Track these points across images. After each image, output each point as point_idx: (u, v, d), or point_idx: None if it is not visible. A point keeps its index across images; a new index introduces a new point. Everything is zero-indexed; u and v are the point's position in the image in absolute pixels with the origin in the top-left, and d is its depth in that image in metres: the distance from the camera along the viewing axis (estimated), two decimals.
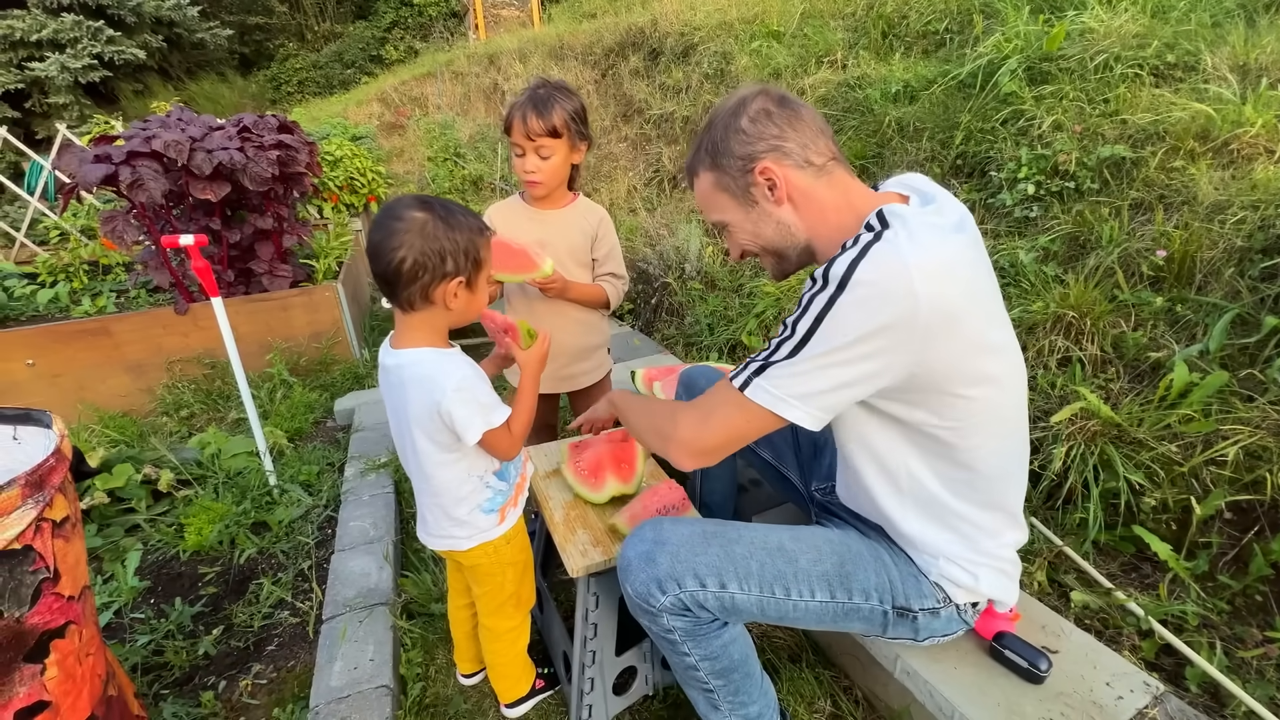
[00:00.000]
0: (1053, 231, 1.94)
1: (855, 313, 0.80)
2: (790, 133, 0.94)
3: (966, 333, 0.84)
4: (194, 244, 1.82)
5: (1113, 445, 1.51)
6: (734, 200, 0.99)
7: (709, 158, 0.99)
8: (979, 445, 0.93)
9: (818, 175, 0.95)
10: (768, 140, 0.93)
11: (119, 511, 2.05)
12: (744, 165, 0.95)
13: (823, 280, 0.83)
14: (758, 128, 0.94)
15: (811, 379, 0.84)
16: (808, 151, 0.94)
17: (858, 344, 0.81)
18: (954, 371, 0.85)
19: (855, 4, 3.66)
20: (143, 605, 1.71)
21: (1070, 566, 1.48)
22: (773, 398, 0.87)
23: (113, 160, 2.38)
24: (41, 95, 11.01)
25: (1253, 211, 1.66)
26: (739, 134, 0.95)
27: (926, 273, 0.78)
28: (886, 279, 0.79)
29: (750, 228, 1.00)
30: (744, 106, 0.95)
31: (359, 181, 5.35)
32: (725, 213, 1.02)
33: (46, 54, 10.53)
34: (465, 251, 0.98)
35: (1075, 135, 2.04)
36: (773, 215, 0.97)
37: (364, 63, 13.25)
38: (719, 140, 0.97)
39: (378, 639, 1.46)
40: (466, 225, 0.99)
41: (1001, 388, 0.91)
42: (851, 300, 0.80)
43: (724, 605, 0.96)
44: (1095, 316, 1.70)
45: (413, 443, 1.07)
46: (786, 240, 0.99)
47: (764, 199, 0.96)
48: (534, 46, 6.58)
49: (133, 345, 2.74)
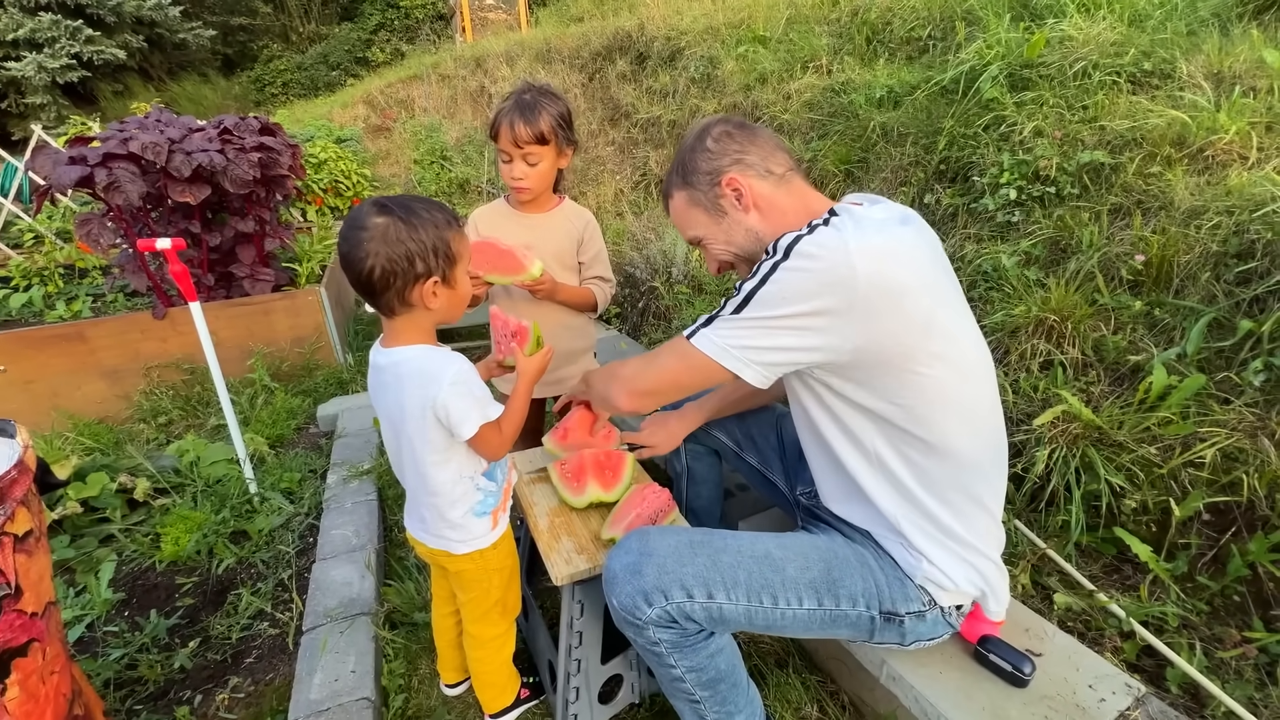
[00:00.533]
0: (1034, 236, 1.97)
1: (795, 279, 0.89)
2: (751, 148, 1.04)
3: (911, 310, 0.89)
4: (171, 248, 1.79)
5: (1094, 448, 1.52)
6: (706, 214, 1.08)
7: (680, 178, 1.09)
8: (944, 431, 0.95)
9: (778, 184, 1.04)
10: (730, 155, 1.04)
11: (93, 521, 2.00)
12: (711, 179, 1.05)
13: (772, 250, 0.94)
14: (720, 145, 1.05)
15: (752, 335, 0.92)
16: (768, 163, 1.04)
17: (796, 309, 0.89)
18: (901, 348, 0.90)
19: (840, 10, 3.69)
20: (116, 618, 1.67)
21: (1053, 569, 1.49)
22: (716, 348, 0.94)
23: (88, 162, 2.33)
24: (18, 95, 10.82)
25: (1227, 217, 1.69)
26: (705, 153, 1.06)
27: (865, 252, 0.86)
28: (827, 253, 0.87)
29: (723, 237, 1.09)
30: (707, 131, 1.07)
31: (344, 184, 5.31)
32: (699, 228, 1.11)
33: (23, 53, 10.35)
34: (434, 249, 0.97)
35: (1055, 141, 2.06)
36: (741, 223, 1.06)
37: (349, 65, 13.14)
38: (687, 161, 1.08)
39: (359, 650, 1.44)
40: (431, 222, 0.98)
41: (958, 371, 0.94)
42: (792, 268, 0.89)
43: (711, 616, 0.96)
44: (1076, 320, 1.72)
45: (409, 441, 1.06)
46: (755, 245, 1.07)
47: (732, 208, 1.06)
48: (521, 50, 6.57)
49: (109, 350, 2.68)
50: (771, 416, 1.46)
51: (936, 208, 2.31)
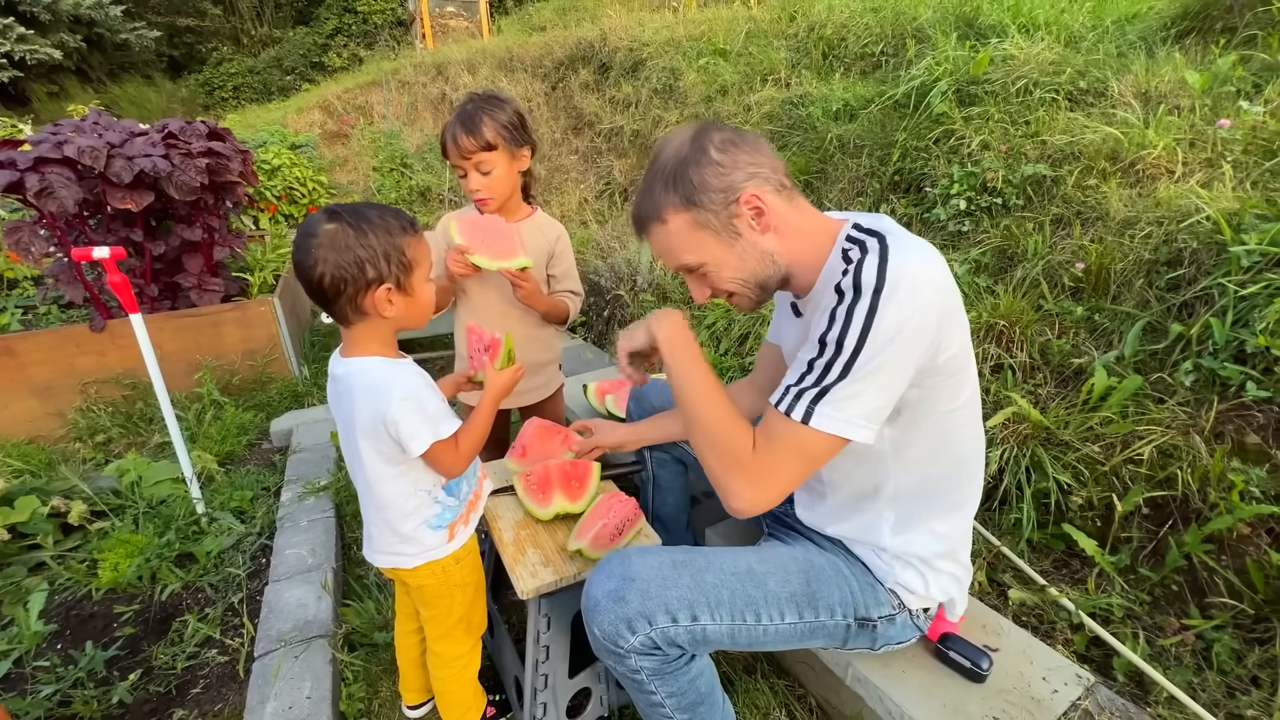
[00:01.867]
0: (984, 245, 2.05)
1: (899, 311, 0.80)
2: (760, 158, 0.92)
3: (962, 318, 0.90)
4: (110, 257, 1.70)
5: (1043, 447, 1.59)
6: (715, 237, 0.93)
7: (679, 197, 0.92)
8: (972, 435, 0.99)
9: (790, 199, 0.95)
10: (744, 169, 0.90)
11: (22, 549, 1.87)
12: (727, 197, 0.90)
13: (854, 290, 0.82)
14: (730, 157, 0.90)
15: (871, 395, 0.83)
16: (778, 175, 0.93)
17: (902, 339, 0.81)
18: (960, 352, 0.89)
19: (797, 25, 3.79)
20: (48, 651, 1.56)
21: (1007, 565, 1.54)
22: (839, 423, 0.84)
23: (18, 166, 2.20)
24: None
25: (1157, 227, 1.79)
26: (713, 166, 0.90)
27: (938, 264, 0.85)
28: (916, 272, 0.82)
29: (735, 263, 0.95)
30: (706, 140, 0.91)
31: (298, 191, 5.15)
32: (704, 252, 0.94)
33: None
34: (385, 255, 0.95)
35: (1001, 154, 2.16)
36: (757, 245, 0.93)
37: (305, 69, 12.80)
38: (691, 176, 0.90)
39: (315, 674, 1.38)
40: (383, 227, 0.96)
41: (973, 370, 0.96)
42: (894, 300, 0.80)
43: (695, 638, 0.93)
44: (1024, 325, 1.80)
45: (359, 454, 1.03)
46: (769, 270, 0.96)
47: (748, 230, 0.92)
48: (483, 58, 6.52)
49: (41, 366, 2.52)
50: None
51: (892, 217, 2.39)
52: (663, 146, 0.95)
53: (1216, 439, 1.45)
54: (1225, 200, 1.73)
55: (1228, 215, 1.66)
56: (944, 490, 1.01)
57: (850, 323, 0.82)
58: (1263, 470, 1.35)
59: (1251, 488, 1.33)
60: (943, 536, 1.03)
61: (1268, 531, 1.34)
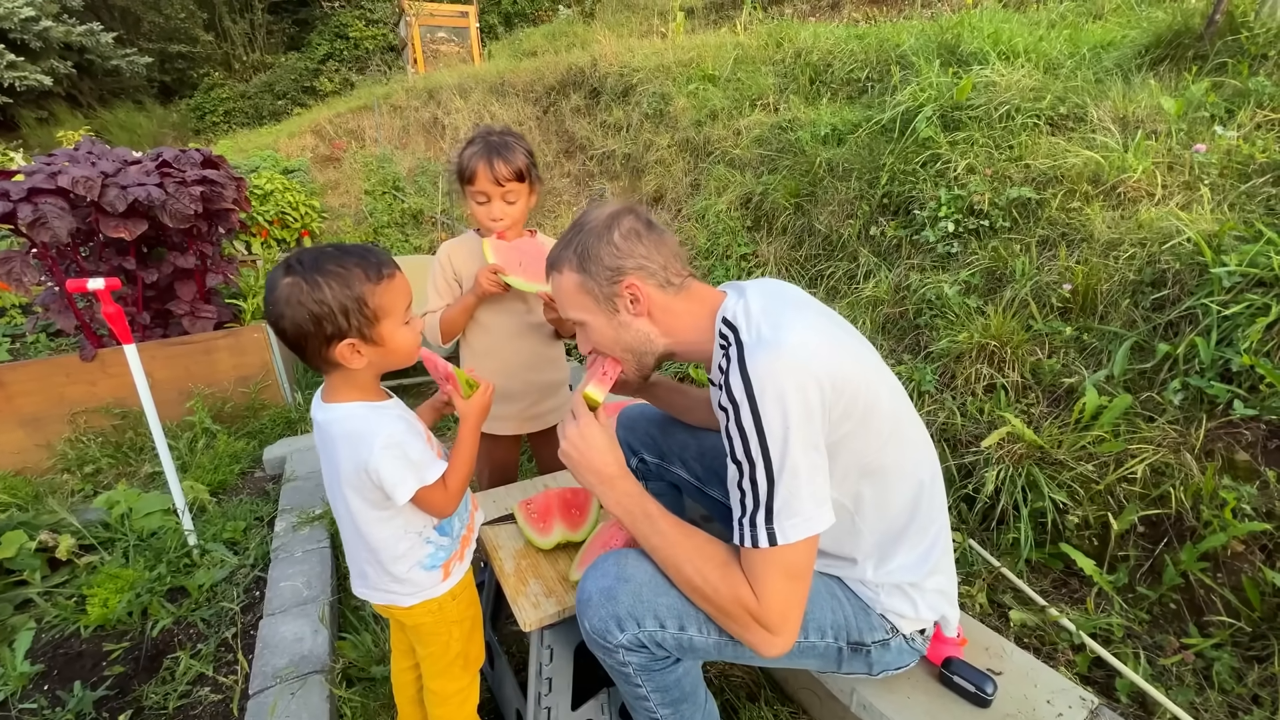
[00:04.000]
0: (972, 266, 2.09)
1: (778, 404, 0.85)
2: (655, 254, 1.02)
3: (846, 358, 0.92)
4: (105, 288, 1.69)
5: (1038, 467, 1.61)
6: (596, 305, 1.04)
7: (576, 259, 1.03)
8: (915, 456, 1.01)
9: (676, 292, 1.04)
10: (635, 258, 1.01)
11: (8, 585, 1.83)
12: (611, 276, 1.01)
13: (732, 405, 0.88)
14: (628, 245, 1.01)
15: (805, 485, 0.86)
16: (668, 272, 1.03)
17: (794, 425, 0.85)
18: (859, 394, 0.91)
19: (784, 52, 3.88)
20: (35, 693, 1.52)
21: (1007, 586, 1.55)
22: (801, 525, 0.87)
23: (10, 197, 2.20)
24: None
25: (1140, 248, 1.84)
26: (610, 246, 1.01)
27: (794, 338, 0.88)
28: (771, 365, 0.86)
29: (610, 332, 1.05)
30: (616, 221, 1.02)
31: (291, 216, 5.16)
32: (585, 313, 1.06)
33: None
34: (342, 310, 0.91)
35: (987, 177, 2.21)
36: (632, 325, 1.04)
37: (296, 94, 12.90)
38: (590, 247, 1.01)
39: (313, 712, 1.35)
40: (341, 278, 0.91)
41: (893, 399, 0.99)
42: (767, 399, 0.85)
43: (681, 646, 0.97)
44: (1014, 345, 1.83)
45: (345, 500, 1.02)
46: (645, 346, 1.06)
47: (625, 309, 1.03)
48: (475, 82, 6.61)
49: (29, 396, 2.49)
50: None
51: (882, 239, 2.43)
52: (588, 211, 1.07)
53: (1207, 456, 1.47)
54: (1204, 222, 1.78)
55: (1207, 237, 1.71)
56: (908, 514, 1.03)
57: (745, 434, 0.87)
58: (1253, 487, 1.37)
59: (1243, 505, 1.35)
60: (922, 556, 1.04)
61: (1261, 548, 1.36)
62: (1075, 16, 3.27)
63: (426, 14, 9.32)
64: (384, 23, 13.25)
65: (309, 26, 14.24)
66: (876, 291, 2.24)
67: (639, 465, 1.54)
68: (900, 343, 2.14)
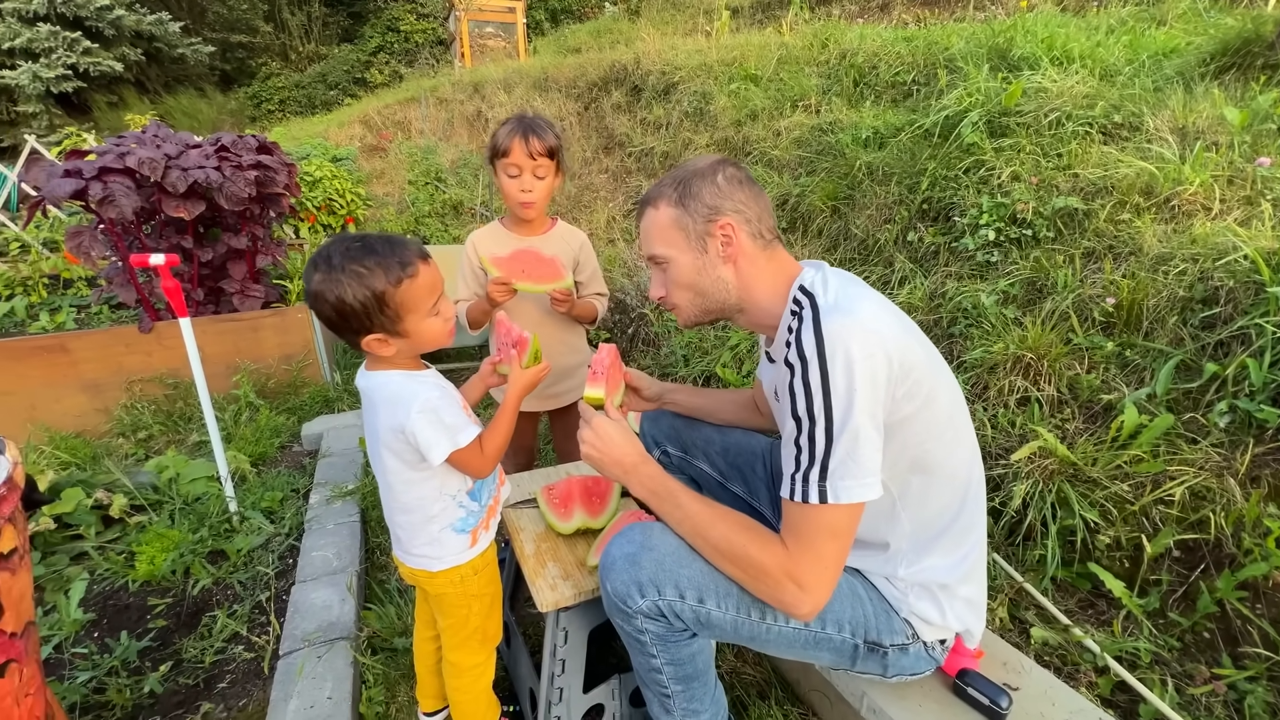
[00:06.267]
0: (1012, 276, 2.04)
1: (846, 366, 0.86)
2: (753, 204, 1.05)
3: (914, 343, 0.94)
4: (164, 264, 1.79)
5: (1069, 484, 1.57)
6: (686, 241, 1.05)
7: (676, 194, 1.05)
8: (965, 456, 1.01)
9: (764, 248, 1.06)
10: (735, 201, 1.03)
11: (66, 538, 1.96)
12: (709, 214, 1.03)
13: (800, 361, 0.90)
14: (731, 188, 1.04)
15: (861, 451, 0.87)
16: (761, 225, 1.05)
17: (859, 390, 0.86)
18: (923, 377, 0.93)
19: (829, 53, 3.83)
20: (86, 639, 1.62)
21: (1030, 603, 1.52)
22: (851, 490, 0.88)
23: (83, 175, 2.34)
24: (10, 103, 10.78)
25: (1193, 264, 1.77)
26: (713, 185, 1.03)
27: (869, 309, 0.92)
28: (846, 327, 0.88)
29: (691, 273, 1.06)
30: (721, 166, 1.06)
31: (338, 202, 5.33)
32: (672, 248, 1.07)
33: (19, 62, 10.33)
34: (363, 309, 0.95)
35: (1032, 186, 2.16)
36: (716, 269, 1.06)
37: (347, 85, 13.29)
38: (693, 184, 1.04)
39: (337, 675, 1.42)
40: (363, 278, 0.94)
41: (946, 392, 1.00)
42: (837, 359, 0.87)
43: (699, 619, 0.99)
44: (1052, 358, 1.78)
45: (382, 462, 1.08)
46: (721, 293, 1.07)
47: (715, 252, 1.04)
48: (519, 77, 6.70)
49: (91, 364, 2.65)
50: (757, 447, 1.49)
51: (919, 245, 2.39)
52: (693, 160, 1.11)
53: (1252, 483, 1.41)
54: (1264, 239, 1.70)
55: (1266, 255, 1.64)
56: (950, 515, 1.03)
57: (810, 391, 0.89)
58: None
59: None
60: (958, 560, 1.03)
61: None
62: (1136, 22, 3.15)
63: (475, 8, 9.47)
64: (434, 17, 13.53)
65: (362, 19, 14.64)
66: (911, 298, 2.21)
67: (661, 457, 1.56)
68: None
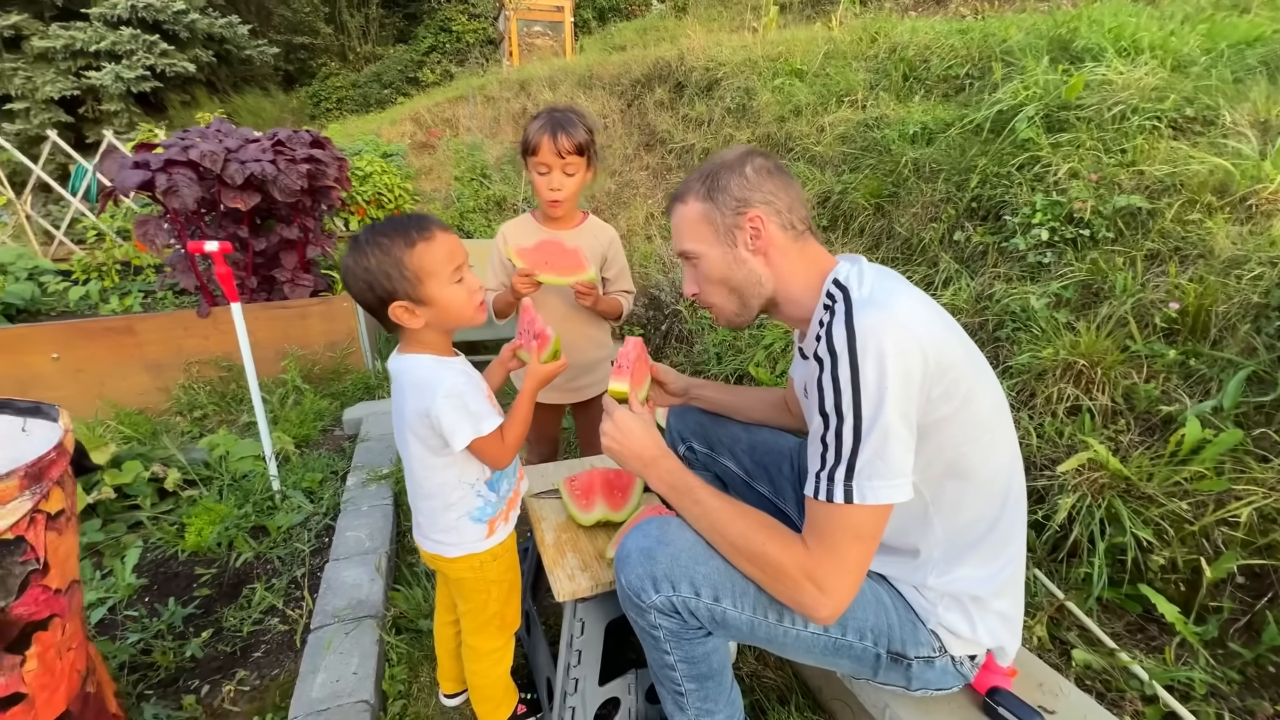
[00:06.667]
0: (1065, 278, 1.93)
1: (878, 362, 0.83)
2: (783, 194, 1.02)
3: (953, 340, 0.91)
4: (218, 250, 1.88)
5: (1120, 499, 1.47)
6: (715, 235, 1.04)
7: (704, 189, 1.04)
8: (1004, 462, 0.96)
9: (796, 238, 1.03)
10: (764, 192, 1.01)
11: (124, 507, 2.08)
12: (737, 207, 1.01)
13: (830, 356, 0.87)
14: (759, 179, 1.02)
15: (891, 451, 0.84)
16: (793, 215, 1.02)
17: (891, 388, 0.83)
18: (962, 376, 0.89)
19: (878, 47, 3.72)
20: (137, 603, 1.72)
21: (1072, 623, 1.43)
22: (879, 491, 0.84)
23: (150, 167, 2.48)
24: (95, 102, 11.55)
25: (1270, 268, 1.64)
26: (741, 178, 1.02)
27: (904, 304, 0.88)
28: (880, 322, 0.85)
29: (722, 268, 1.05)
30: (749, 157, 1.04)
31: (386, 197, 5.49)
32: (702, 243, 1.05)
33: (103, 64, 11.07)
34: (386, 274, 1.00)
35: (1091, 183, 2.04)
36: (747, 263, 1.03)
37: (401, 84, 13.71)
38: (721, 177, 1.03)
39: (363, 652, 1.46)
40: (378, 246, 1.00)
41: (992, 398, 0.96)
42: (869, 355, 0.83)
43: (714, 618, 0.97)
44: (1106, 366, 1.68)
45: (407, 446, 1.11)
46: (753, 288, 1.05)
47: (744, 245, 1.02)
48: (564, 75, 6.76)
49: (154, 345, 2.81)
50: (785, 447, 1.45)
51: (967, 245, 2.29)
52: (723, 151, 1.09)
53: None
54: None
55: None
56: (986, 524, 0.97)
57: (840, 387, 0.85)
58: None
59: None
60: (993, 573, 0.98)
61: None
62: (1215, 10, 2.94)
63: (524, 8, 9.62)
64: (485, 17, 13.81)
65: (417, 20, 15.09)
66: (955, 300, 2.12)
67: (686, 453, 1.55)
68: None
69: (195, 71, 12.20)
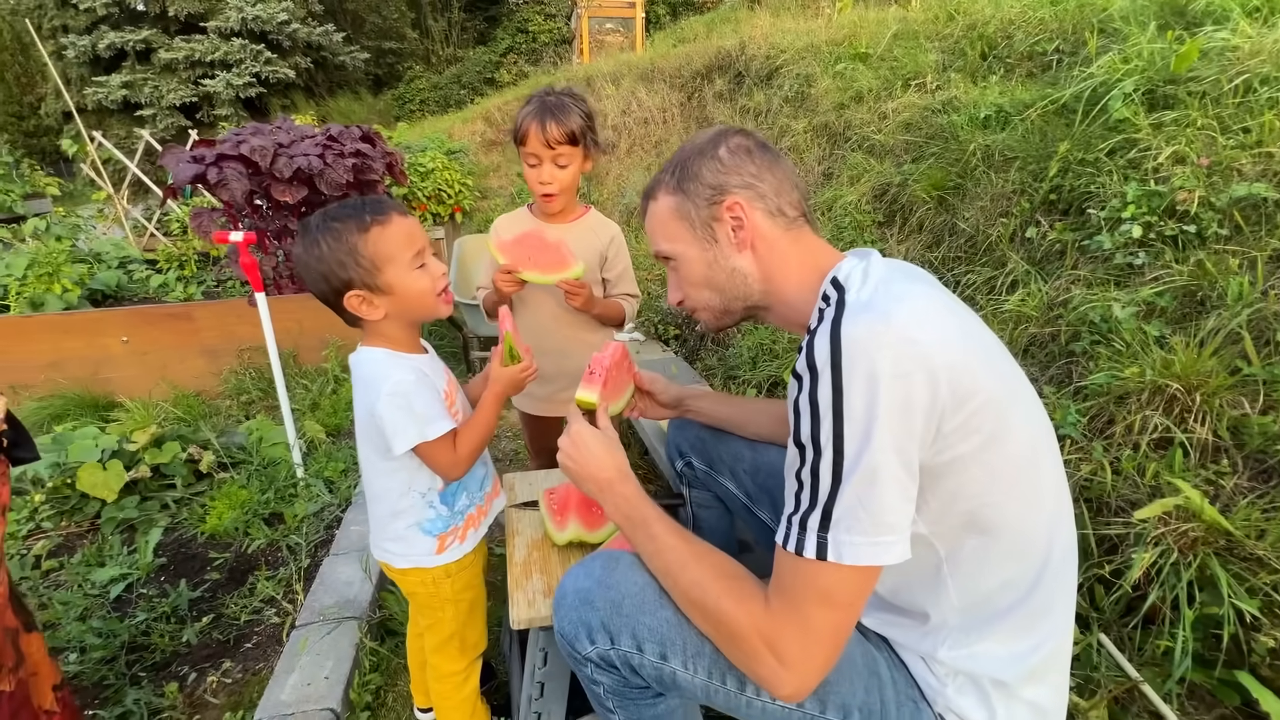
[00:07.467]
0: (1161, 283, 1.61)
1: (868, 385, 0.65)
2: (767, 175, 0.86)
3: (977, 362, 0.71)
4: (243, 241, 1.92)
5: (1218, 558, 1.19)
6: (691, 232, 0.89)
7: (674, 179, 0.89)
8: (1044, 517, 0.76)
9: (787, 228, 0.87)
10: (743, 176, 0.86)
11: (161, 487, 2.18)
12: (712, 196, 0.86)
13: (810, 372, 0.70)
14: (735, 160, 0.86)
15: (882, 498, 0.66)
16: (781, 200, 0.86)
17: (884, 419, 0.65)
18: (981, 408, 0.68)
19: (954, 25, 3.36)
20: (154, 582, 1.78)
21: (1145, 706, 1.17)
22: (861, 549, 0.67)
23: (204, 161, 2.60)
24: (209, 108, 12.69)
25: None
26: (714, 161, 0.86)
27: (913, 313, 0.69)
28: (875, 334, 0.67)
29: (702, 267, 0.90)
30: (724, 137, 0.89)
31: (446, 192, 5.63)
32: (677, 243, 0.91)
33: (216, 72, 12.14)
34: (340, 263, 0.92)
35: (1201, 169, 1.69)
36: (729, 259, 0.88)
37: (478, 85, 14.19)
38: (690, 164, 0.88)
39: (339, 656, 1.42)
40: (334, 233, 0.92)
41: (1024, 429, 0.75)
42: (857, 374, 0.66)
43: (662, 678, 0.82)
44: (1208, 391, 1.37)
45: (359, 445, 1.05)
46: (738, 288, 0.89)
47: (725, 239, 0.87)
48: (627, 69, 6.68)
49: (210, 331, 2.96)
50: None
51: (1041, 243, 1.99)
52: (695, 135, 0.93)
53: None
54: None
55: None
56: (1018, 594, 0.76)
57: (819, 412, 0.68)
58: None
59: None
60: (1024, 652, 0.77)
61: None
62: None
63: (596, 5, 9.64)
64: (559, 16, 14.03)
65: (496, 22, 15.57)
66: (1023, 306, 1.83)
67: (684, 469, 1.40)
68: (1044, 371, 1.72)
69: (295, 77, 13.15)
